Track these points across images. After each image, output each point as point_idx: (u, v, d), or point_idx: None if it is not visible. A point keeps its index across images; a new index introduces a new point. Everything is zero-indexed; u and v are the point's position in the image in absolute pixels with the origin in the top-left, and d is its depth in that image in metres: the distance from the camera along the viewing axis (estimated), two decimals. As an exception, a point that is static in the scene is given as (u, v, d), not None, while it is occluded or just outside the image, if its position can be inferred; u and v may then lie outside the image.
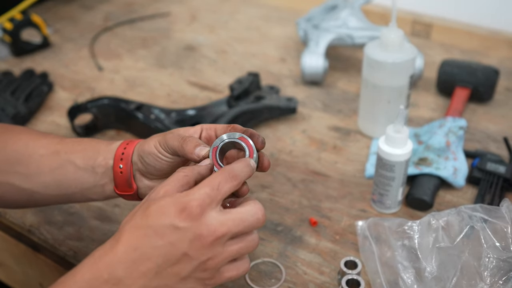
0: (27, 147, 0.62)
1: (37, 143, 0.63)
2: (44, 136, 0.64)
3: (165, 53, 1.21)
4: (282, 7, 1.39)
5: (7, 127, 0.66)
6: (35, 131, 0.66)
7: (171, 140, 0.57)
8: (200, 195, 0.48)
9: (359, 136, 0.93)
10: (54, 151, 0.62)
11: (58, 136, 0.65)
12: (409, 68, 0.84)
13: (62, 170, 0.62)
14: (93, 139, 0.64)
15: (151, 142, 0.59)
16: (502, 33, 1.15)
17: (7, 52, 1.19)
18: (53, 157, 0.62)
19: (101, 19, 1.36)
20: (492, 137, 0.91)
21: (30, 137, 0.64)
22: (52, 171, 0.62)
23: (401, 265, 0.65)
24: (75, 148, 0.62)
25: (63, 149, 0.62)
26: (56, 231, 0.76)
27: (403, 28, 0.87)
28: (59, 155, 0.62)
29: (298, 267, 0.70)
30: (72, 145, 0.62)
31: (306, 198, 0.80)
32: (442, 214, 0.65)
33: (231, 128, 0.57)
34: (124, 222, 0.50)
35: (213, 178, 0.50)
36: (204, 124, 0.60)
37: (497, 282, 0.60)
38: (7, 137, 0.63)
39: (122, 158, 0.60)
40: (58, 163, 0.61)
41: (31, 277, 0.91)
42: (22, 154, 0.62)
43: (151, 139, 0.59)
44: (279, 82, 1.08)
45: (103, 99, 0.93)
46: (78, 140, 0.64)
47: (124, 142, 0.62)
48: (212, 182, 0.50)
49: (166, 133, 0.59)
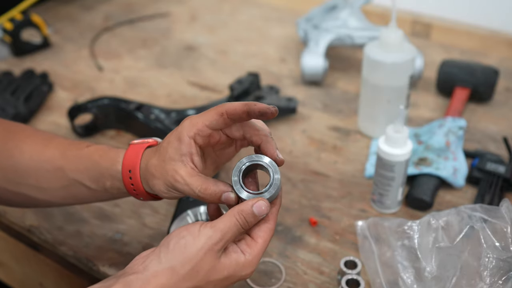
0: (32, 160, 0.62)
1: (41, 156, 0.62)
2: (45, 144, 0.63)
3: (165, 53, 1.21)
4: (282, 7, 1.39)
5: (9, 129, 0.65)
6: (37, 137, 0.65)
7: (181, 186, 0.54)
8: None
9: (359, 136, 0.93)
10: (59, 168, 0.61)
11: (58, 142, 0.63)
12: (409, 68, 0.84)
13: (74, 188, 0.62)
14: (90, 151, 0.61)
15: (156, 186, 0.56)
16: (502, 33, 1.15)
17: (7, 52, 1.19)
18: (59, 174, 0.61)
19: (101, 19, 1.36)
20: (492, 137, 0.91)
21: (33, 147, 0.62)
22: (64, 188, 0.62)
23: (401, 265, 0.65)
24: (78, 167, 0.61)
25: (66, 167, 0.61)
26: (56, 231, 0.76)
27: (403, 28, 0.87)
28: (64, 173, 0.61)
29: (298, 267, 0.70)
30: (74, 163, 0.61)
31: (306, 198, 0.80)
32: (442, 214, 0.65)
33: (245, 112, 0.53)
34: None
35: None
36: (189, 127, 0.55)
37: (497, 282, 0.60)
38: (12, 145, 0.63)
39: (134, 189, 0.59)
40: (67, 181, 0.61)
41: (31, 277, 0.91)
42: (29, 167, 0.62)
43: (155, 180, 0.56)
44: (279, 82, 1.08)
45: (103, 99, 0.93)
46: (77, 156, 0.61)
47: (126, 169, 0.58)
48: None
49: (169, 174, 0.55)
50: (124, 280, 0.49)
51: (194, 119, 0.55)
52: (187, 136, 0.54)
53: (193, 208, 0.72)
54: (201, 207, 0.72)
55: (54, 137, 0.65)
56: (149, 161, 0.57)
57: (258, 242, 0.53)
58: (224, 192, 0.53)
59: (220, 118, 0.54)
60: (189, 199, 0.73)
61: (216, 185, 0.54)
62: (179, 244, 0.50)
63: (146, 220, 0.77)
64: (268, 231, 0.54)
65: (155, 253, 0.51)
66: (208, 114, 0.54)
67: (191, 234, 0.51)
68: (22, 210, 0.79)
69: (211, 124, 0.54)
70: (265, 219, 0.55)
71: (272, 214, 0.55)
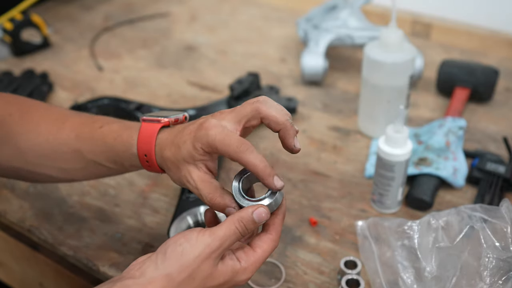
0: (48, 142, 0.62)
1: (57, 139, 0.62)
2: (59, 126, 0.63)
3: (165, 53, 1.21)
4: (282, 7, 1.39)
5: (23, 109, 0.65)
6: (50, 116, 0.64)
7: (192, 188, 0.55)
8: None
9: (359, 136, 0.93)
10: (76, 150, 0.62)
11: (71, 122, 0.63)
12: (409, 68, 0.84)
13: (94, 168, 0.63)
14: (103, 134, 0.61)
15: (172, 177, 0.58)
16: (502, 33, 1.15)
17: (7, 52, 1.19)
18: (77, 156, 0.62)
19: (101, 19, 1.36)
20: (492, 137, 0.91)
21: (48, 129, 0.63)
22: (84, 168, 0.63)
23: (401, 265, 0.65)
24: (94, 150, 0.61)
25: (83, 149, 0.61)
26: (56, 231, 0.76)
27: (403, 28, 0.87)
28: (82, 154, 0.62)
29: (298, 267, 0.70)
30: (90, 145, 0.61)
31: (306, 198, 0.80)
32: (442, 214, 0.65)
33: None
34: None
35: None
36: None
37: (497, 282, 0.60)
38: (28, 128, 0.63)
39: (151, 169, 0.60)
40: (86, 162, 0.62)
41: (30, 277, 0.91)
42: (46, 149, 0.63)
43: (170, 172, 0.57)
44: (279, 82, 1.08)
45: (103, 99, 0.93)
46: (92, 138, 0.61)
47: (141, 153, 0.58)
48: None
49: (182, 174, 0.55)
50: (121, 284, 0.49)
51: (211, 137, 0.53)
52: (201, 148, 0.54)
53: (193, 208, 0.72)
54: (201, 207, 0.72)
55: (67, 115, 0.65)
56: (164, 152, 0.56)
57: (256, 251, 0.53)
58: (228, 207, 0.54)
59: (242, 130, 0.54)
60: (189, 199, 0.73)
61: (222, 197, 0.54)
62: (176, 251, 0.50)
63: (146, 220, 0.77)
64: (269, 242, 0.54)
65: (151, 260, 0.51)
66: (224, 144, 0.52)
67: (189, 241, 0.50)
68: (22, 210, 0.79)
69: (225, 153, 0.54)
70: (266, 230, 0.55)
71: (274, 225, 0.55)
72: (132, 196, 0.81)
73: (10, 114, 0.64)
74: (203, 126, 0.53)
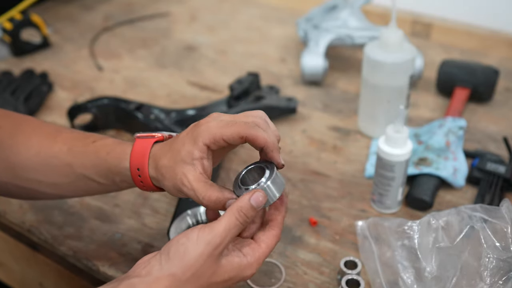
0: (39, 156, 0.62)
1: (48, 152, 0.62)
2: (51, 140, 0.63)
3: (165, 53, 1.21)
4: (282, 7, 1.39)
5: (15, 123, 0.64)
6: (43, 130, 0.64)
7: (187, 191, 0.55)
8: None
9: (359, 136, 0.93)
10: (67, 164, 0.61)
11: (64, 137, 0.63)
12: (409, 68, 0.84)
13: (84, 183, 0.62)
14: (96, 148, 0.61)
15: (166, 187, 0.57)
16: (502, 33, 1.15)
17: (7, 52, 1.19)
18: (67, 170, 0.61)
19: (101, 19, 1.36)
20: (492, 137, 0.91)
21: (40, 142, 0.62)
22: (74, 182, 0.62)
23: (401, 265, 0.65)
24: (85, 164, 0.61)
25: (75, 163, 0.61)
26: (56, 231, 0.76)
27: (403, 28, 0.87)
28: (73, 168, 0.61)
29: (298, 267, 0.70)
30: (82, 159, 0.61)
31: (306, 198, 0.80)
32: (442, 214, 0.65)
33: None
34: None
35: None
36: (206, 135, 0.54)
37: (497, 282, 0.60)
38: (19, 141, 0.62)
39: (144, 185, 0.59)
40: (76, 177, 0.62)
41: (30, 277, 0.91)
42: (37, 163, 0.62)
43: (165, 181, 0.56)
44: (279, 82, 1.08)
45: (103, 99, 0.93)
46: (84, 152, 0.61)
47: (134, 167, 0.58)
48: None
49: (178, 177, 0.55)
50: (128, 283, 0.50)
51: (213, 129, 0.54)
52: (202, 142, 0.54)
53: (193, 208, 0.72)
54: (201, 207, 0.72)
55: (60, 130, 0.65)
56: (160, 161, 0.56)
57: (261, 246, 0.55)
58: (229, 200, 0.54)
59: (239, 140, 0.54)
60: (189, 199, 0.73)
61: (221, 191, 0.54)
62: (178, 251, 0.51)
63: (146, 220, 0.77)
64: (272, 237, 0.55)
65: (156, 259, 0.52)
66: (229, 131, 0.53)
67: (190, 240, 0.51)
68: (22, 210, 0.79)
69: (229, 140, 0.54)
70: (270, 226, 0.56)
71: (277, 221, 0.56)
72: (132, 196, 0.81)
73: (1, 127, 0.63)
74: (199, 123, 0.55)
